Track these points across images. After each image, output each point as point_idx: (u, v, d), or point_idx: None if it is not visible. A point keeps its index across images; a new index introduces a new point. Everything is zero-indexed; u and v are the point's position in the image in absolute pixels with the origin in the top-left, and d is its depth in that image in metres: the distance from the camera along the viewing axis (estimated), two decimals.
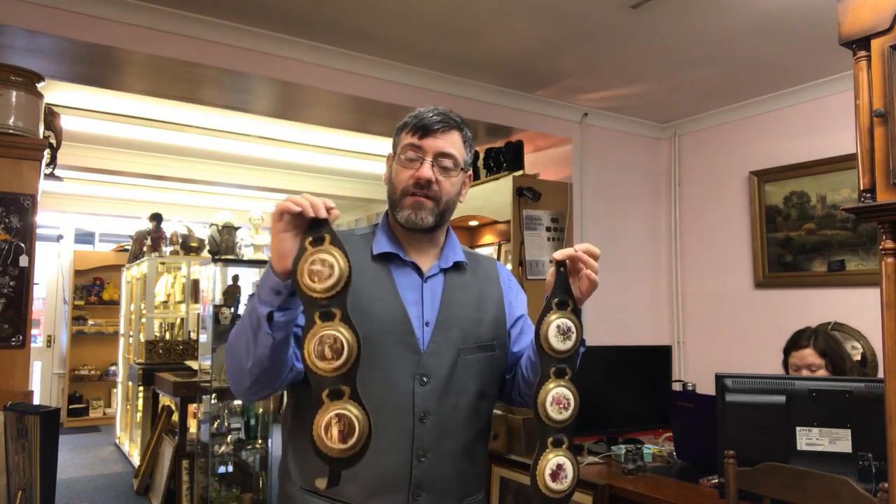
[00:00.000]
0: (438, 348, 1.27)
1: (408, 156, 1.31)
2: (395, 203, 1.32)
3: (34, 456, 2.11)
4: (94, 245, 8.58)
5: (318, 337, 1.01)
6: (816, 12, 2.74)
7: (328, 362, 1.00)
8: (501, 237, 4.21)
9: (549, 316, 1.16)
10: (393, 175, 1.34)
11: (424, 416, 1.23)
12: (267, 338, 1.08)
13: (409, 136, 1.32)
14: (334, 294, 1.03)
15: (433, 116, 1.34)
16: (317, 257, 1.04)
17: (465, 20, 2.86)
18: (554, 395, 1.13)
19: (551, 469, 1.14)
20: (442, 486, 1.25)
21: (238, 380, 1.16)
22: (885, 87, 1.16)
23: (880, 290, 1.16)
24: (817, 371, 2.25)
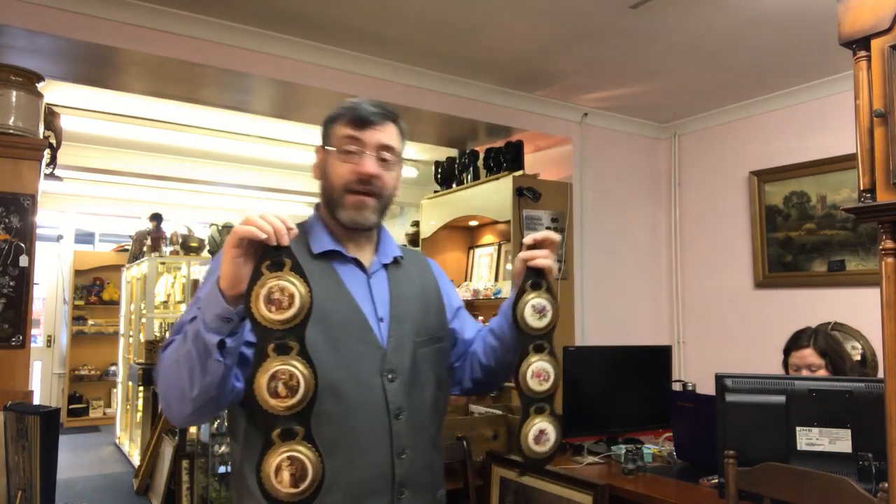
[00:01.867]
0: (398, 343, 1.25)
1: (347, 148, 1.24)
2: (334, 201, 1.26)
3: (34, 456, 2.11)
4: (94, 245, 8.57)
5: (271, 372, 0.93)
6: (816, 12, 2.74)
7: (281, 400, 0.93)
8: (501, 237, 4.21)
9: (525, 297, 1.21)
10: (329, 169, 1.27)
11: (399, 412, 1.21)
12: (218, 366, 0.99)
13: (347, 128, 1.25)
14: (293, 326, 0.95)
15: (371, 108, 1.27)
16: (275, 285, 0.95)
17: (465, 20, 2.86)
18: (534, 368, 1.17)
19: (535, 434, 1.18)
20: (420, 481, 1.24)
21: (179, 407, 1.06)
22: (885, 87, 1.16)
23: (880, 290, 1.16)
24: (817, 371, 2.25)
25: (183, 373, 1.02)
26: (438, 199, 4.26)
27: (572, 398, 2.54)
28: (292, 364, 0.94)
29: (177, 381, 1.03)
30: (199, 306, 1.01)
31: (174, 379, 1.03)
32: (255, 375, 0.93)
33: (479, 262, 4.37)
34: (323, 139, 1.30)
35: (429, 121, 3.76)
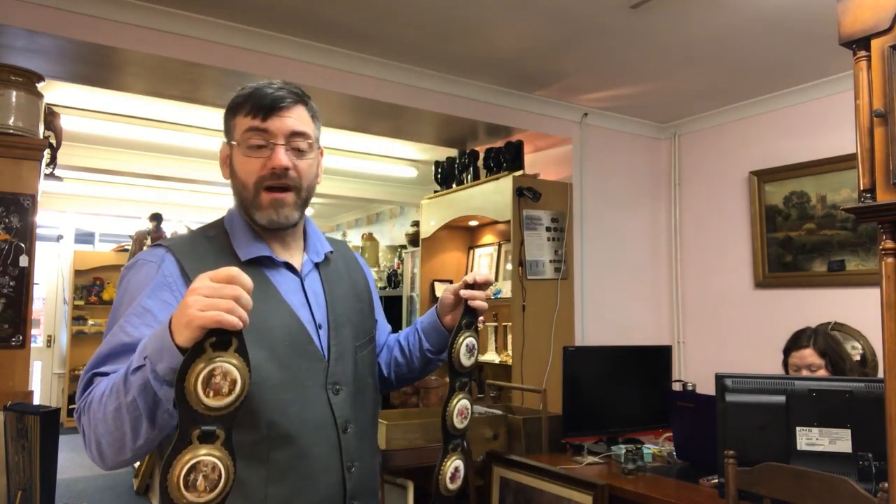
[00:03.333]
0: (340, 352, 1.19)
1: (252, 142, 1.12)
2: (248, 202, 1.15)
3: (34, 456, 2.11)
4: (94, 245, 8.57)
5: (190, 464, 0.82)
6: (816, 12, 2.74)
7: (198, 495, 0.83)
8: (501, 237, 4.21)
9: (461, 335, 1.26)
10: (237, 167, 1.14)
11: (346, 425, 1.16)
12: (169, 417, 0.90)
13: (249, 119, 1.12)
14: (226, 414, 0.85)
15: (274, 92, 1.14)
16: (218, 367, 0.84)
17: (465, 20, 2.86)
18: (459, 407, 1.23)
19: (451, 472, 1.23)
20: (367, 489, 1.21)
21: (113, 456, 0.95)
22: (885, 87, 1.16)
23: (880, 290, 1.16)
24: (817, 371, 2.25)
25: (124, 425, 0.90)
26: (438, 199, 4.27)
27: (572, 398, 2.54)
28: (217, 455, 0.84)
29: (115, 432, 0.92)
30: (145, 356, 0.87)
31: (112, 428, 0.92)
32: (171, 464, 0.82)
33: (479, 262, 4.38)
34: (226, 133, 1.17)
35: (429, 121, 3.76)
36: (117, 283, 1.14)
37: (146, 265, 1.10)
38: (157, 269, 1.09)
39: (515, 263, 3.64)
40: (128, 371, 0.89)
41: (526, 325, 3.58)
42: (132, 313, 1.03)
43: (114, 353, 1.00)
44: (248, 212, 1.16)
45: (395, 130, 4.03)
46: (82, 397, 0.99)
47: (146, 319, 1.02)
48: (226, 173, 1.19)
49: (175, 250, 1.11)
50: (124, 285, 1.10)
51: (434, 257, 4.42)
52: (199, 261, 1.09)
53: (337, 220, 8.23)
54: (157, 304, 1.04)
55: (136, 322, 1.02)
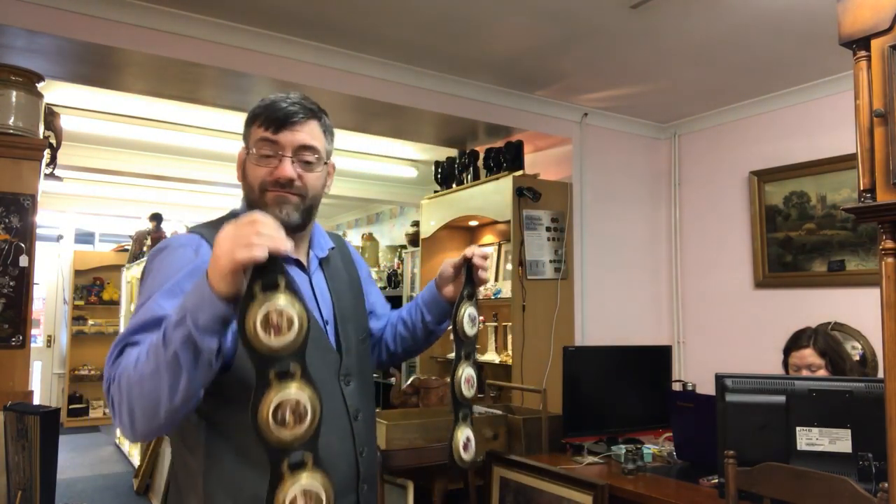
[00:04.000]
0: (347, 345, 1.26)
1: (263, 152, 1.19)
2: (255, 203, 1.20)
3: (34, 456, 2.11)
4: (94, 245, 8.57)
5: (276, 402, 0.87)
6: (816, 12, 2.74)
7: (290, 429, 0.87)
8: (501, 237, 4.21)
9: (462, 305, 1.33)
10: (248, 172, 1.21)
11: (357, 413, 1.24)
12: (210, 370, 0.94)
13: (262, 130, 1.19)
14: (294, 350, 0.89)
15: (288, 106, 1.19)
16: (271, 307, 0.88)
17: (465, 20, 2.86)
18: (465, 375, 1.30)
19: (463, 442, 1.30)
20: (373, 473, 1.28)
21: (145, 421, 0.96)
22: (885, 87, 1.16)
23: (880, 290, 1.16)
24: (817, 371, 2.25)
25: (163, 383, 0.92)
26: (438, 199, 4.27)
27: (572, 398, 2.54)
28: (299, 390, 0.89)
29: (151, 393, 0.93)
30: (185, 310, 0.91)
31: (148, 390, 0.94)
32: (258, 406, 0.87)
33: None
34: (244, 139, 1.25)
35: (429, 121, 3.76)
36: (145, 265, 1.17)
37: (182, 248, 1.14)
38: (196, 253, 1.13)
39: (515, 263, 3.64)
40: (167, 328, 0.92)
41: (526, 325, 3.58)
42: (168, 290, 1.05)
43: (147, 325, 1.02)
44: (252, 203, 1.22)
45: (395, 130, 4.03)
46: (112, 366, 1.01)
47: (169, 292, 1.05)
48: (239, 175, 1.26)
49: (208, 238, 1.15)
50: (157, 265, 1.13)
51: (434, 257, 4.42)
52: None
53: (337, 220, 8.23)
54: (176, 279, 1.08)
55: (170, 299, 1.04)
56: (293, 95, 1.23)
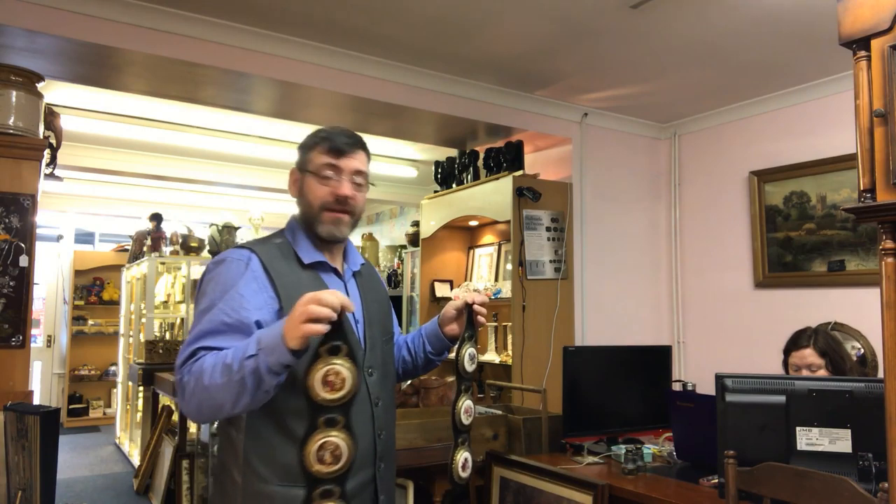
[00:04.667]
0: (372, 343, 1.48)
1: (325, 174, 1.43)
2: (313, 217, 1.45)
3: (34, 456, 2.11)
4: (94, 245, 8.57)
5: (321, 443, 1.11)
6: (816, 12, 2.74)
7: (327, 466, 1.11)
8: (501, 237, 4.22)
9: (464, 346, 1.53)
10: (307, 190, 1.46)
11: (377, 400, 1.45)
12: (267, 395, 1.21)
13: (325, 156, 1.44)
14: (341, 404, 1.12)
15: (346, 139, 1.46)
16: (331, 368, 1.12)
17: (465, 20, 2.86)
18: (465, 406, 1.51)
19: (462, 462, 1.50)
20: (390, 455, 1.51)
21: (211, 415, 1.25)
22: (885, 87, 1.16)
23: (880, 290, 1.16)
24: (817, 371, 2.25)
25: (228, 395, 1.18)
26: (438, 199, 4.27)
27: (572, 398, 2.54)
28: (339, 437, 1.12)
29: (219, 399, 1.19)
30: (259, 348, 1.16)
31: (216, 398, 1.19)
32: (305, 443, 1.11)
33: (479, 262, 4.38)
34: (300, 163, 1.48)
35: (429, 121, 3.76)
36: (205, 276, 1.38)
37: (235, 262, 1.37)
38: (246, 265, 1.36)
39: (515, 263, 3.64)
40: (242, 356, 1.16)
41: (526, 325, 3.58)
42: (230, 299, 1.30)
43: (216, 331, 1.26)
44: (312, 226, 1.45)
45: (395, 130, 4.03)
46: (187, 364, 1.24)
47: (242, 303, 1.29)
48: (294, 192, 1.49)
49: (257, 252, 1.40)
50: (215, 277, 1.35)
51: (434, 257, 4.42)
52: (273, 261, 1.40)
53: None
54: (248, 292, 1.32)
55: (234, 306, 1.29)
56: (345, 130, 1.49)
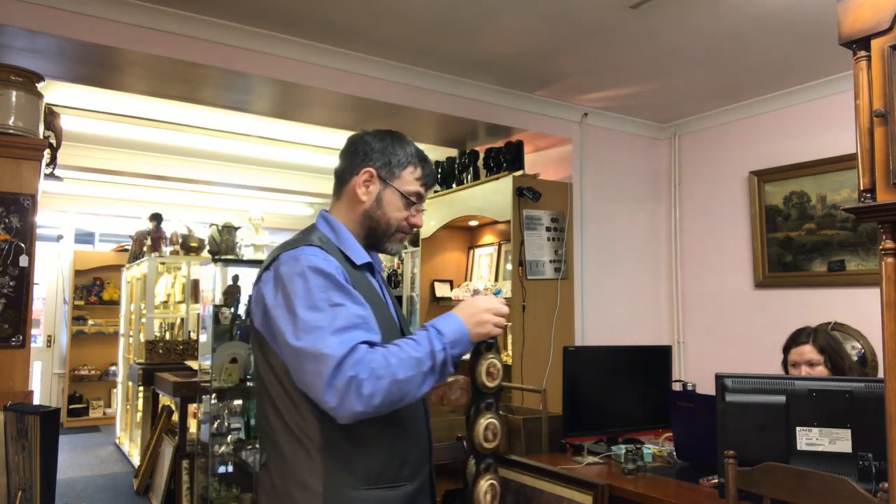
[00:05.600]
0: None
1: (412, 199, 1.49)
2: (383, 232, 1.48)
3: (34, 456, 2.11)
4: (94, 245, 8.57)
5: (484, 424, 1.41)
6: (816, 12, 2.74)
7: (489, 443, 1.41)
8: (501, 237, 4.21)
9: (481, 359, 1.44)
10: (386, 203, 1.47)
11: (426, 405, 1.50)
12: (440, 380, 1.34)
13: (417, 183, 1.49)
14: (497, 391, 1.41)
15: (433, 172, 1.57)
16: (491, 361, 1.41)
17: (465, 20, 2.86)
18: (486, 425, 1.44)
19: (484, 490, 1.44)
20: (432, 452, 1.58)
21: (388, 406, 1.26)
22: (885, 87, 1.16)
23: (880, 290, 1.16)
24: (816, 367, 2.25)
25: (415, 386, 1.27)
26: (438, 199, 4.26)
27: (572, 398, 2.54)
28: (497, 417, 1.41)
29: (404, 390, 1.26)
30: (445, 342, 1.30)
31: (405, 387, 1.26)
32: (474, 424, 1.41)
33: (479, 262, 4.38)
34: (385, 173, 1.47)
35: (429, 121, 3.76)
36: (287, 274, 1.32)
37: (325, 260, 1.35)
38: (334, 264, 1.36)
39: (515, 263, 3.64)
40: (430, 350, 1.28)
41: (526, 325, 3.58)
42: (346, 293, 1.32)
43: (356, 325, 1.28)
44: (380, 239, 1.49)
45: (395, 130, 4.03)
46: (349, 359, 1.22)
47: (357, 298, 1.33)
48: (364, 194, 1.46)
49: (328, 250, 1.39)
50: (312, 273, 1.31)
51: (434, 257, 4.42)
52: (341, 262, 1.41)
53: None
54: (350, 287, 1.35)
55: (355, 299, 1.32)
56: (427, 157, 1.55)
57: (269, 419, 1.36)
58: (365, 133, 1.51)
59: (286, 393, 1.32)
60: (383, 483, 1.33)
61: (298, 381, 1.27)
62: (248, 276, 4.32)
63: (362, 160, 1.46)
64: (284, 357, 1.29)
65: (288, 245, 1.40)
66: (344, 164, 1.50)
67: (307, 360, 1.23)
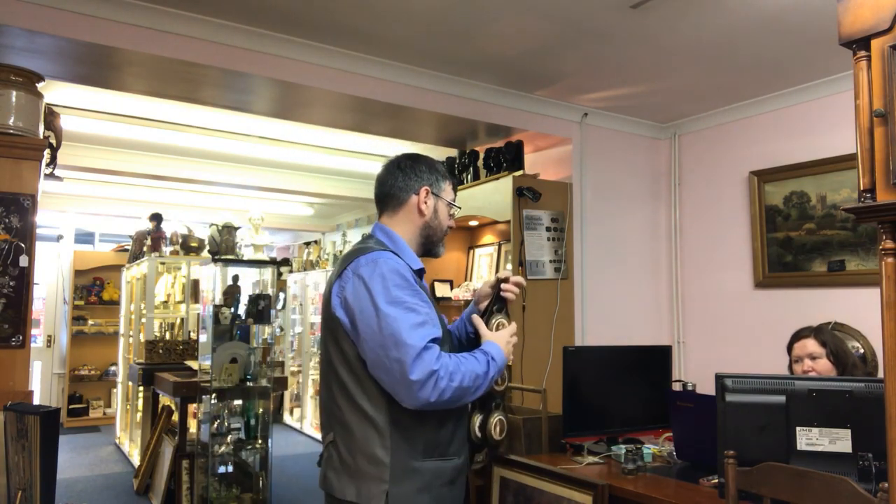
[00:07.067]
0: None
1: (453, 210, 1.78)
2: (436, 238, 1.74)
3: (34, 456, 2.11)
4: (94, 245, 8.58)
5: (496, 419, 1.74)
6: (816, 12, 2.74)
7: (499, 435, 1.72)
8: (501, 237, 4.21)
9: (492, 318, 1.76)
10: (439, 213, 1.74)
11: None
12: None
13: (453, 193, 1.78)
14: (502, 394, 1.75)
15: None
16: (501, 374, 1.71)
17: (465, 20, 2.86)
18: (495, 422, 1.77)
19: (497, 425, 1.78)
20: None
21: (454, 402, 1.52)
22: (885, 87, 1.16)
23: (880, 290, 1.16)
24: (818, 360, 2.25)
25: (470, 393, 1.53)
26: None
27: (572, 398, 2.54)
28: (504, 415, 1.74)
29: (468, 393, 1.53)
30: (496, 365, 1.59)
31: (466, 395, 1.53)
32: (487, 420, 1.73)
33: (479, 262, 4.38)
34: (436, 187, 1.73)
35: (429, 121, 3.76)
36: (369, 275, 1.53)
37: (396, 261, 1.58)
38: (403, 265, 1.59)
39: (515, 263, 3.64)
40: (487, 370, 1.56)
41: (526, 325, 3.58)
42: (417, 293, 1.55)
43: (427, 322, 1.51)
44: (431, 244, 1.75)
45: (395, 130, 4.03)
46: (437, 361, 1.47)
47: (422, 296, 1.56)
48: (425, 212, 1.71)
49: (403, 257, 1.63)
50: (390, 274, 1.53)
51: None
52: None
53: (337, 220, 8.23)
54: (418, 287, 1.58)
55: (423, 298, 1.56)
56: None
57: (336, 401, 1.57)
58: (402, 158, 1.75)
59: (356, 378, 1.53)
60: (437, 456, 1.57)
61: (377, 367, 1.48)
62: (248, 276, 4.32)
63: (416, 181, 1.71)
64: (364, 346, 1.50)
65: (360, 251, 1.60)
66: (399, 185, 1.71)
67: (390, 349, 1.45)
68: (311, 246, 7.72)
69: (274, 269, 4.39)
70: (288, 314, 7.99)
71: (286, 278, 7.93)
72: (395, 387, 1.46)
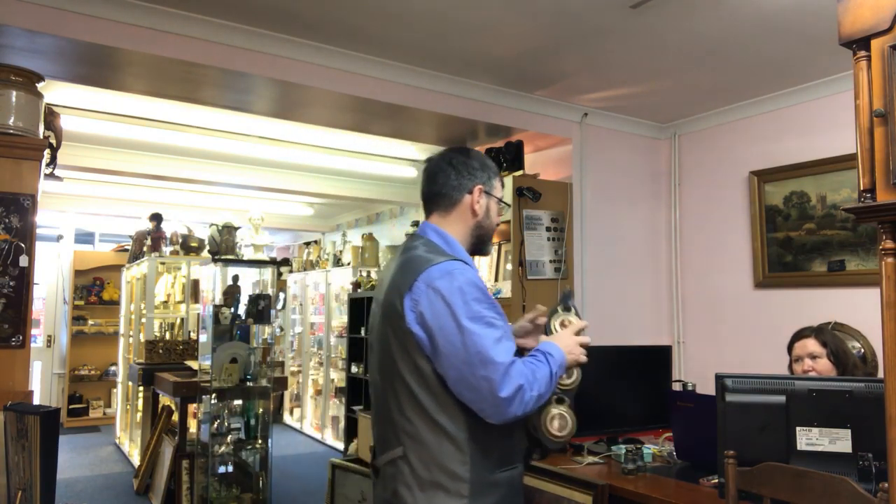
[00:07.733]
0: None
1: (502, 206, 1.70)
2: (487, 236, 1.68)
3: (34, 456, 2.11)
4: (94, 245, 8.58)
5: (552, 414, 1.57)
6: (816, 12, 2.74)
7: (559, 431, 1.56)
8: (501, 237, 4.21)
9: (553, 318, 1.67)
10: (491, 211, 1.67)
11: None
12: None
13: (502, 191, 1.71)
14: (569, 390, 1.61)
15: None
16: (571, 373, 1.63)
17: (465, 20, 2.86)
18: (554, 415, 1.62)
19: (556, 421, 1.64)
20: None
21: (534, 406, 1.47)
22: (885, 87, 1.16)
23: (880, 290, 1.16)
24: (819, 359, 2.25)
25: (545, 397, 1.50)
26: None
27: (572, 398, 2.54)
28: (567, 411, 1.59)
29: (541, 400, 1.49)
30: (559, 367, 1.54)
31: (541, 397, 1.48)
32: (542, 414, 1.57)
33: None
34: (488, 185, 1.65)
35: (429, 121, 3.76)
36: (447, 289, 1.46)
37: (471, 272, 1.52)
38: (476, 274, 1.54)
39: (515, 263, 3.64)
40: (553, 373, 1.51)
41: None
42: (493, 304, 1.50)
43: (507, 336, 1.48)
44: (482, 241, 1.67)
45: (395, 130, 4.03)
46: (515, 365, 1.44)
47: (497, 307, 1.51)
48: (479, 212, 1.64)
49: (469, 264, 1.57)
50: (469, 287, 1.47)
51: None
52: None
53: (337, 220, 8.23)
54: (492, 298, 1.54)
55: (498, 309, 1.51)
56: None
57: (406, 415, 1.50)
58: (453, 154, 1.66)
59: (432, 393, 1.47)
60: (506, 465, 1.53)
61: (461, 384, 1.43)
62: (248, 276, 4.33)
63: (470, 179, 1.62)
64: (444, 363, 1.43)
65: (427, 260, 1.51)
66: (452, 184, 1.62)
67: (477, 367, 1.40)
68: (311, 246, 7.73)
69: (274, 269, 4.39)
70: (288, 314, 7.99)
71: (286, 278, 7.94)
72: (482, 404, 1.42)
